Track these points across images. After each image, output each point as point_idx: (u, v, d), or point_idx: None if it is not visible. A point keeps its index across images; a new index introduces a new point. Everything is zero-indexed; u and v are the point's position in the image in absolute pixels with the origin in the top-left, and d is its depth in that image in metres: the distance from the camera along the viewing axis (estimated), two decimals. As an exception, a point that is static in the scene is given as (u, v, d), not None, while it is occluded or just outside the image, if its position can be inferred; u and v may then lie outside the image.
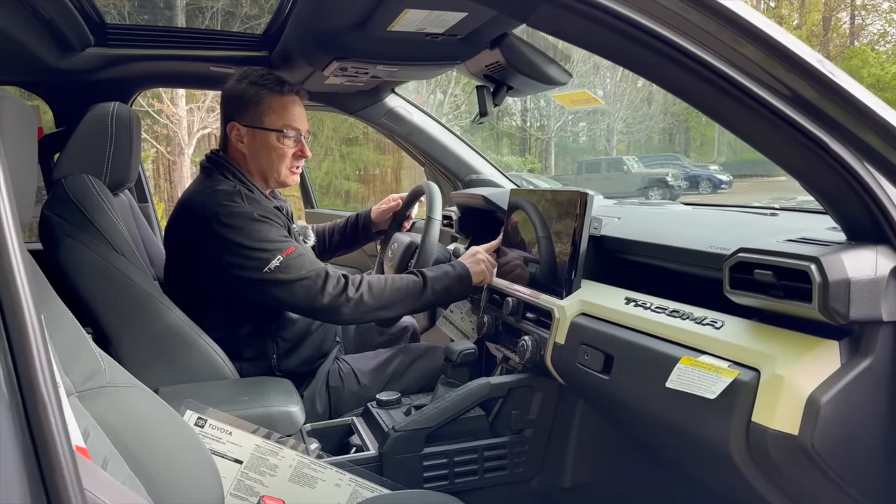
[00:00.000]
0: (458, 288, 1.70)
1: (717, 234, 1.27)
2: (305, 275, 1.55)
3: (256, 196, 1.65)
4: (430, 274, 1.68)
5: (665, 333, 1.16)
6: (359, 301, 1.58)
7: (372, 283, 1.62)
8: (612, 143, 20.84)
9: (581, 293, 1.44)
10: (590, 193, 1.45)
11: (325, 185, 15.79)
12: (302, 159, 1.74)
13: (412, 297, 1.65)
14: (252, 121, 1.67)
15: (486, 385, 1.51)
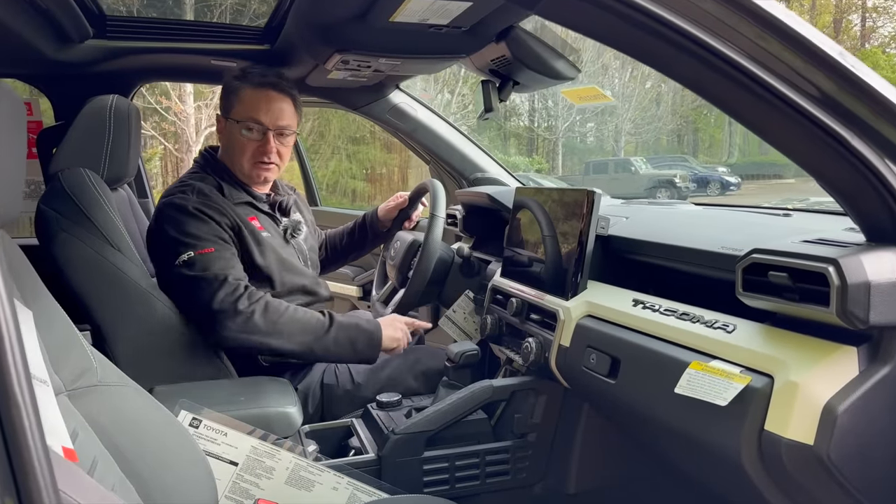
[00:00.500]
0: (363, 346, 1.61)
1: (729, 235, 1.22)
2: (205, 275, 1.50)
3: (226, 188, 1.65)
4: (339, 319, 1.61)
5: (674, 337, 1.12)
6: (248, 318, 1.49)
7: (271, 304, 1.54)
8: (620, 144, 20.75)
9: (587, 294, 1.40)
10: (597, 192, 1.41)
11: (333, 184, 15.79)
12: (268, 154, 1.67)
13: (310, 336, 1.55)
14: (226, 112, 1.69)
15: (488, 388, 1.47)
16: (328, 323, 1.58)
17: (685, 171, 17.29)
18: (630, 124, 20.40)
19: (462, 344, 1.61)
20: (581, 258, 1.41)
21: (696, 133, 22.84)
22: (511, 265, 1.72)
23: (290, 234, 1.77)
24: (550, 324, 1.45)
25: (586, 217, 1.41)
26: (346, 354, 1.59)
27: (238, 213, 1.63)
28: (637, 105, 20.20)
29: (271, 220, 1.74)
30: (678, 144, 22.16)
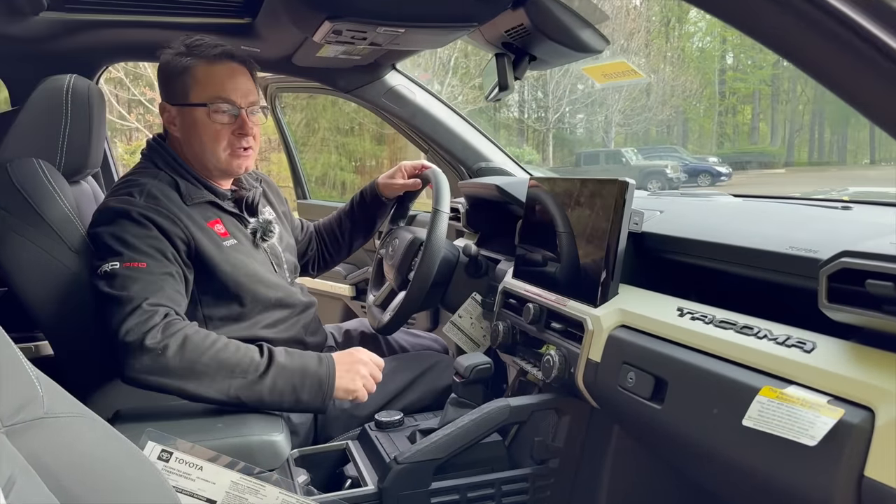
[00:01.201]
0: (308, 395, 1.28)
1: (792, 232, 1.04)
2: (119, 295, 1.23)
3: (184, 186, 1.42)
4: (280, 360, 1.28)
5: (736, 356, 0.94)
6: (156, 356, 1.19)
7: (190, 339, 1.22)
8: (611, 135, 20.60)
9: (619, 300, 1.21)
10: (629, 182, 1.22)
11: (321, 176, 15.55)
12: (245, 138, 1.44)
13: (237, 381, 1.23)
14: (178, 97, 1.42)
15: (505, 408, 1.28)
16: (265, 365, 1.26)
17: (676, 161, 17.20)
18: (620, 115, 20.26)
19: (472, 356, 1.42)
20: (612, 259, 1.22)
21: (686, 123, 22.74)
22: (525, 265, 1.53)
23: (261, 236, 1.52)
24: (576, 334, 1.26)
25: (617, 211, 1.22)
26: (287, 404, 1.28)
27: (195, 221, 1.38)
28: (627, 96, 20.06)
29: (237, 222, 1.49)
30: (668, 135, 22.06)
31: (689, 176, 16.34)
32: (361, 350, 1.40)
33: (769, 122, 21.47)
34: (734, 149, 21.05)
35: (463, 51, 18.60)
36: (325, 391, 1.29)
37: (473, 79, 17.83)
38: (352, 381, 1.33)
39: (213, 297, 1.40)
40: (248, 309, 1.44)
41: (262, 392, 1.25)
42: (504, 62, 1.27)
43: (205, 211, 1.43)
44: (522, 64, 1.35)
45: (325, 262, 1.90)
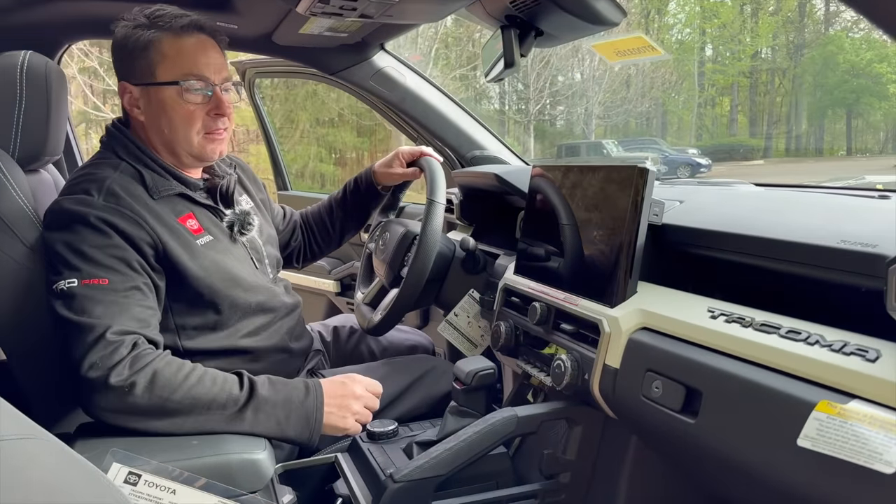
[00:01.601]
0: (294, 430, 1.18)
1: (839, 224, 0.93)
2: (80, 321, 1.09)
3: (149, 178, 1.26)
4: (262, 392, 1.17)
5: (784, 364, 0.83)
6: (123, 395, 1.07)
7: (160, 374, 1.10)
8: (591, 127, 20.59)
9: (639, 300, 1.10)
10: (649, 168, 1.11)
11: (301, 169, 15.33)
12: (221, 119, 1.30)
13: (215, 417, 1.13)
14: (143, 76, 1.26)
15: (512, 419, 1.16)
16: (244, 399, 1.15)
17: (656, 153, 17.27)
18: (600, 107, 20.25)
19: (473, 360, 1.30)
20: (630, 253, 1.11)
21: (665, 115, 22.81)
22: (528, 260, 1.41)
23: (239, 230, 1.36)
24: (589, 337, 1.15)
25: (636, 200, 1.10)
26: (270, 436, 1.17)
27: (164, 219, 1.23)
28: (607, 88, 20.06)
29: (212, 216, 1.34)
30: (647, 127, 22.14)
31: (669, 168, 16.40)
32: (355, 379, 1.29)
33: (747, 114, 21.61)
34: (713, 140, 21.20)
35: (444, 41, 18.46)
36: (312, 426, 1.20)
37: (455, 69, 17.69)
38: (342, 418, 1.24)
39: (186, 305, 1.26)
40: (226, 316, 1.30)
41: (243, 428, 1.15)
42: (510, 35, 1.15)
43: (175, 205, 1.28)
44: (528, 39, 1.23)
45: (311, 253, 1.76)
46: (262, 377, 1.21)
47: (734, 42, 21.01)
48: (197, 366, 1.17)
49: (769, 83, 20.88)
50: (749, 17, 20.88)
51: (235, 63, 2.71)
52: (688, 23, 21.80)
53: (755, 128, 21.12)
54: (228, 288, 1.29)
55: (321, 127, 15.83)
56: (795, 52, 19.98)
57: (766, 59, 21.13)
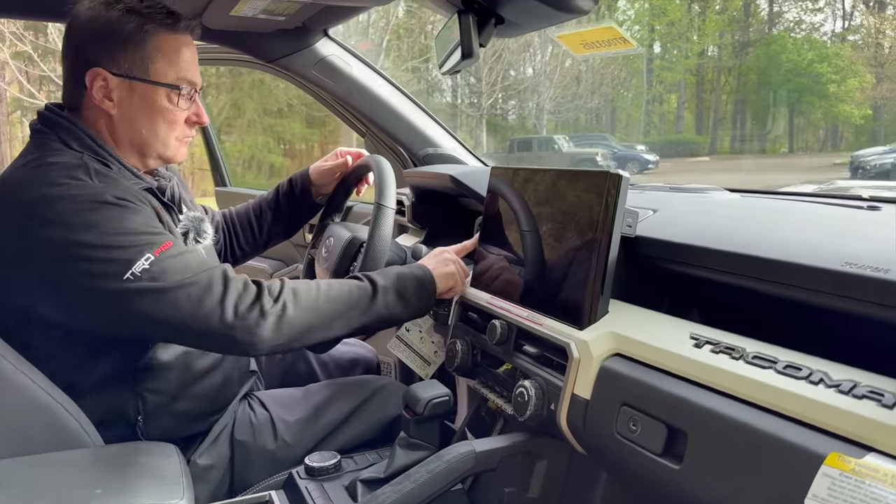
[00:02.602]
0: (416, 298, 1.20)
1: (838, 243, 0.83)
2: (191, 279, 1.02)
3: (115, 173, 1.10)
4: (379, 279, 1.19)
5: (784, 407, 0.72)
6: (280, 316, 1.06)
7: (298, 289, 1.11)
8: (542, 122, 20.69)
9: (611, 321, 0.98)
10: (623, 175, 0.99)
11: (248, 159, 14.91)
12: (195, 127, 1.23)
13: (357, 310, 1.14)
14: (132, 68, 1.12)
15: (469, 455, 1.03)
16: (371, 288, 1.17)
17: (606, 149, 17.49)
18: (551, 103, 20.36)
19: (427, 385, 1.17)
20: (602, 269, 0.99)
21: (615, 112, 23.11)
22: (486, 271, 1.28)
23: (194, 237, 1.23)
24: (555, 361, 1.03)
25: (608, 210, 0.99)
26: (401, 315, 1.21)
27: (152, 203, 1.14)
28: (559, 83, 20.17)
29: (170, 219, 1.19)
30: (597, 123, 22.40)
31: (618, 163, 16.60)
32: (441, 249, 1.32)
33: (694, 111, 22.08)
34: (660, 137, 21.59)
35: (396, 32, 18.22)
36: (428, 288, 1.22)
37: (406, 61, 17.48)
38: (446, 267, 1.26)
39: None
40: None
41: (380, 311, 1.17)
42: (468, 22, 1.01)
43: (147, 197, 1.14)
44: (487, 27, 1.09)
45: (233, 256, 1.59)
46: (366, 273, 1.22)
47: (682, 40, 21.42)
48: (320, 280, 1.17)
49: (715, 81, 21.36)
50: (696, 15, 21.28)
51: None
52: (637, 20, 22.09)
53: (701, 124, 21.60)
54: None
55: (269, 117, 15.44)
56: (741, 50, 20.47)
57: (712, 56, 21.60)
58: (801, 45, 19.42)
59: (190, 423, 1.21)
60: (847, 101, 16.86)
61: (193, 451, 1.21)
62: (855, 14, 19.57)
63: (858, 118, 16.96)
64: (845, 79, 16.94)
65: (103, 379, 1.10)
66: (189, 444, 1.22)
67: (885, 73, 16.28)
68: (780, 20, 22.36)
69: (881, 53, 16.95)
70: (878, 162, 10.70)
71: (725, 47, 21.11)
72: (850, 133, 18.14)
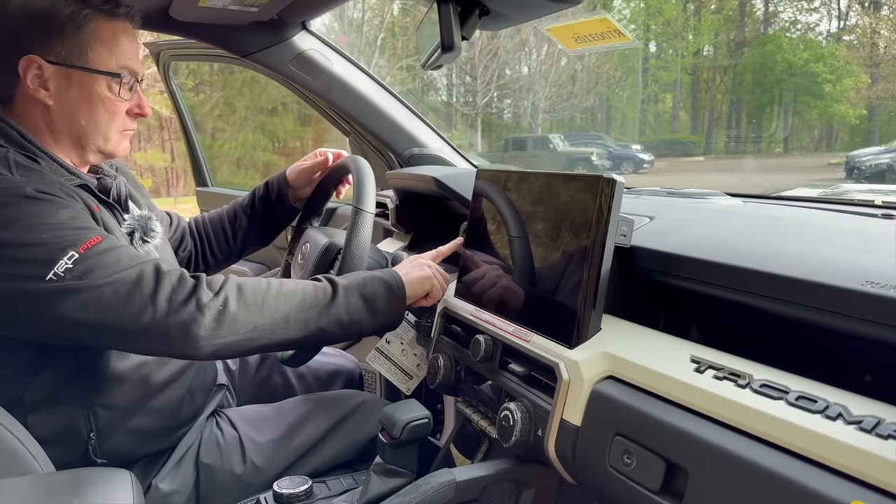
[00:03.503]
0: (384, 304, 1.11)
1: (852, 256, 0.75)
2: (119, 275, 0.92)
3: (44, 167, 1.02)
4: (340, 280, 1.11)
5: (799, 445, 0.63)
6: (221, 311, 0.96)
7: (244, 285, 1.02)
8: (537, 121, 20.62)
9: (604, 340, 0.90)
10: (617, 180, 0.90)
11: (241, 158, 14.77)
12: (137, 119, 1.16)
13: (313, 310, 1.04)
14: (69, 56, 1.04)
15: (450, 485, 0.94)
16: (330, 288, 1.08)
17: (601, 148, 17.45)
18: (546, 102, 20.30)
19: (405, 406, 1.08)
20: (594, 282, 0.90)
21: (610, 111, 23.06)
22: (471, 281, 1.20)
23: (141, 237, 1.14)
24: (543, 382, 0.94)
25: (600, 218, 0.90)
26: (365, 321, 1.10)
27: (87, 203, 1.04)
28: (554, 82, 20.12)
29: (113, 219, 1.11)
30: (592, 122, 22.36)
31: (614, 163, 16.55)
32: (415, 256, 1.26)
33: (689, 111, 22.05)
34: (656, 136, 21.57)
35: (391, 30, 18.12)
36: (398, 294, 1.13)
37: (402, 59, 17.38)
38: (418, 272, 1.18)
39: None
40: None
41: (340, 314, 1.07)
42: (448, 12, 0.92)
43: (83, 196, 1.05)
44: (471, 19, 1.01)
45: (205, 265, 1.50)
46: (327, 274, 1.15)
47: (677, 39, 21.37)
48: (271, 279, 1.07)
49: (710, 80, 21.34)
50: (692, 14, 21.25)
51: (148, 44, 2.41)
52: (632, 19, 22.03)
53: (696, 124, 21.57)
54: None
55: (262, 115, 15.32)
56: (736, 50, 20.44)
57: (707, 56, 21.57)
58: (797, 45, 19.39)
59: (149, 441, 1.12)
60: (842, 101, 16.85)
61: (154, 474, 1.13)
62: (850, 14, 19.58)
63: (854, 118, 16.96)
64: (840, 79, 16.93)
65: (50, 393, 1.01)
66: (150, 465, 1.13)
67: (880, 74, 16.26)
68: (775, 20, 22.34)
69: (876, 53, 16.95)
70: (874, 162, 10.67)
71: (721, 47, 21.10)
72: (845, 133, 18.14)
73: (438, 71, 1.00)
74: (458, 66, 19.28)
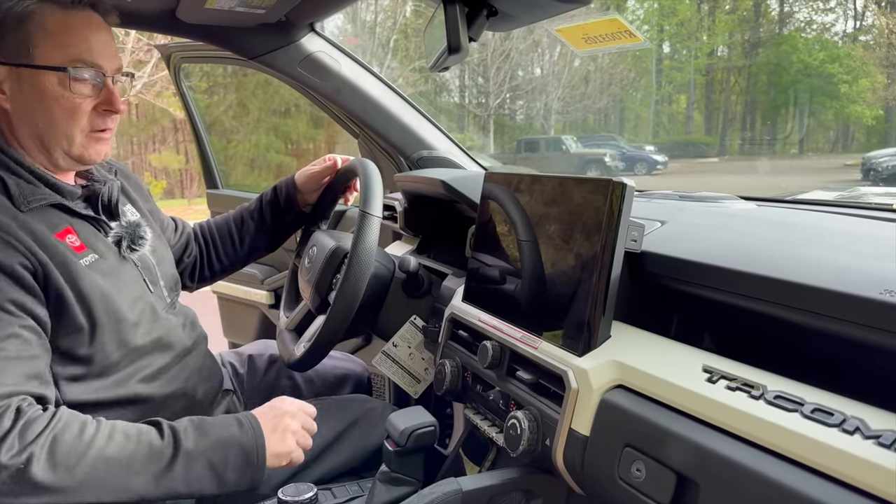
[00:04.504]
0: (235, 473, 0.98)
1: (870, 263, 0.72)
2: None
3: (14, 185, 0.99)
4: (185, 440, 0.96)
5: (817, 460, 0.61)
6: (20, 472, 0.84)
7: (61, 440, 0.88)
8: (550, 123, 20.56)
9: (613, 347, 0.88)
10: (627, 184, 0.88)
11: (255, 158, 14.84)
12: (112, 116, 1.07)
13: (140, 480, 0.91)
14: (15, 54, 1.00)
15: (455, 495, 0.93)
16: (171, 449, 0.94)
17: (614, 149, 17.34)
18: (559, 103, 20.24)
19: (410, 413, 1.06)
20: (603, 288, 0.88)
21: (623, 112, 22.95)
22: (479, 285, 1.18)
23: (129, 245, 1.11)
24: (551, 390, 0.92)
25: (610, 223, 0.88)
26: (209, 491, 0.96)
27: (38, 234, 0.97)
28: (567, 83, 20.06)
29: (95, 229, 1.09)
30: (605, 123, 22.26)
31: (627, 164, 16.45)
32: (284, 400, 1.10)
33: (703, 112, 21.89)
34: (669, 138, 21.43)
35: (403, 32, 18.14)
36: (254, 463, 0.99)
37: (414, 61, 17.40)
38: (281, 441, 1.03)
39: (68, 345, 0.99)
40: (115, 359, 1.04)
41: (176, 485, 0.94)
42: (455, 13, 0.91)
43: (49, 217, 1.02)
44: (478, 20, 0.99)
45: (210, 271, 1.48)
46: (184, 421, 1.00)
47: (691, 40, 21.23)
48: (101, 420, 0.94)
49: (724, 81, 21.17)
50: (706, 15, 21.10)
51: (160, 47, 2.41)
52: (646, 20, 21.91)
53: (711, 125, 21.41)
54: (116, 321, 1.03)
55: (275, 116, 15.39)
56: (751, 50, 20.28)
57: (722, 57, 21.41)
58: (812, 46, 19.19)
59: None
60: (858, 101, 16.66)
61: None
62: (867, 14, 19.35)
63: (870, 119, 16.75)
64: (857, 79, 16.73)
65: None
66: None
67: (897, 74, 16.07)
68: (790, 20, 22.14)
69: (893, 54, 16.73)
70: (891, 163, 10.54)
71: (735, 47, 20.93)
72: (861, 134, 17.93)
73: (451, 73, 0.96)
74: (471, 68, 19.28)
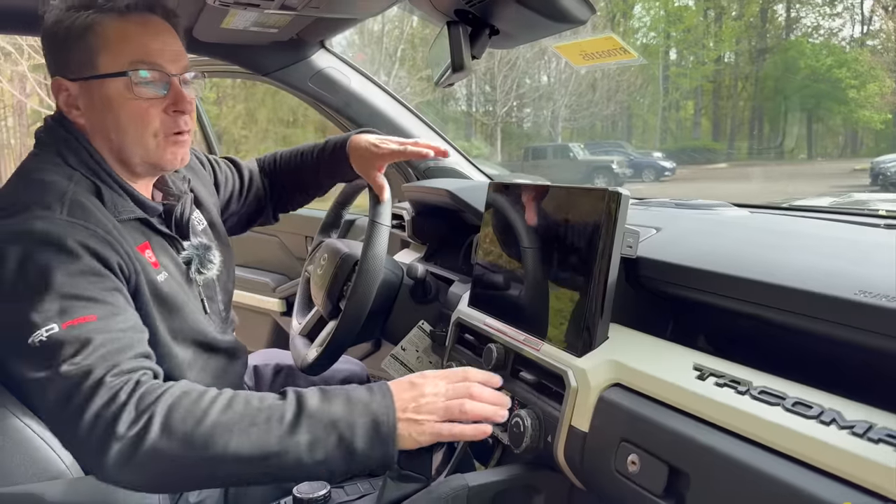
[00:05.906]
0: (365, 444, 0.87)
1: (850, 266, 0.77)
2: (71, 371, 0.85)
3: (108, 195, 1.01)
4: (309, 400, 0.89)
5: (794, 449, 0.66)
6: (139, 439, 0.82)
7: (179, 405, 0.86)
8: (557, 130, 20.62)
9: (611, 348, 0.93)
10: (623, 193, 0.93)
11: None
12: (183, 118, 1.04)
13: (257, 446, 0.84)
14: (82, 68, 1.00)
15: (461, 490, 0.97)
16: (294, 410, 0.87)
17: (622, 156, 17.35)
18: (566, 110, 20.29)
19: (419, 413, 1.11)
20: (601, 292, 0.93)
21: (631, 119, 22.98)
22: (484, 290, 1.23)
23: (197, 269, 1.13)
24: (553, 390, 0.97)
25: (607, 229, 0.93)
26: (336, 464, 0.87)
27: (130, 244, 0.99)
28: (574, 90, 20.12)
29: (169, 248, 1.10)
30: (613, 130, 22.29)
31: (635, 171, 16.47)
32: (426, 375, 0.97)
33: (711, 118, 21.89)
34: (677, 144, 21.43)
35: (410, 41, 18.28)
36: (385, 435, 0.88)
37: (421, 70, 17.52)
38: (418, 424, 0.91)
39: None
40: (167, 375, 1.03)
41: (299, 452, 0.85)
42: (458, 33, 0.96)
43: (134, 231, 1.04)
44: (481, 38, 1.05)
45: (281, 205, 1.49)
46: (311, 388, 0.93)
47: (698, 46, 21.27)
48: (225, 390, 0.91)
49: (732, 87, 21.18)
50: (712, 21, 21.16)
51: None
52: (653, 27, 21.99)
53: (718, 131, 21.41)
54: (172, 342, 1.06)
55: (282, 126, 15.54)
56: (758, 56, 20.28)
57: (729, 63, 21.43)
58: (820, 51, 19.19)
59: None
60: (867, 106, 16.62)
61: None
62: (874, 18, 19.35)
63: (878, 123, 16.71)
64: (865, 84, 16.71)
65: None
66: None
67: (905, 78, 16.04)
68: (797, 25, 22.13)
69: (901, 58, 16.72)
70: (900, 168, 10.54)
71: (742, 53, 20.94)
72: (869, 139, 17.89)
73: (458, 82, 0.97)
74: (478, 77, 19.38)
